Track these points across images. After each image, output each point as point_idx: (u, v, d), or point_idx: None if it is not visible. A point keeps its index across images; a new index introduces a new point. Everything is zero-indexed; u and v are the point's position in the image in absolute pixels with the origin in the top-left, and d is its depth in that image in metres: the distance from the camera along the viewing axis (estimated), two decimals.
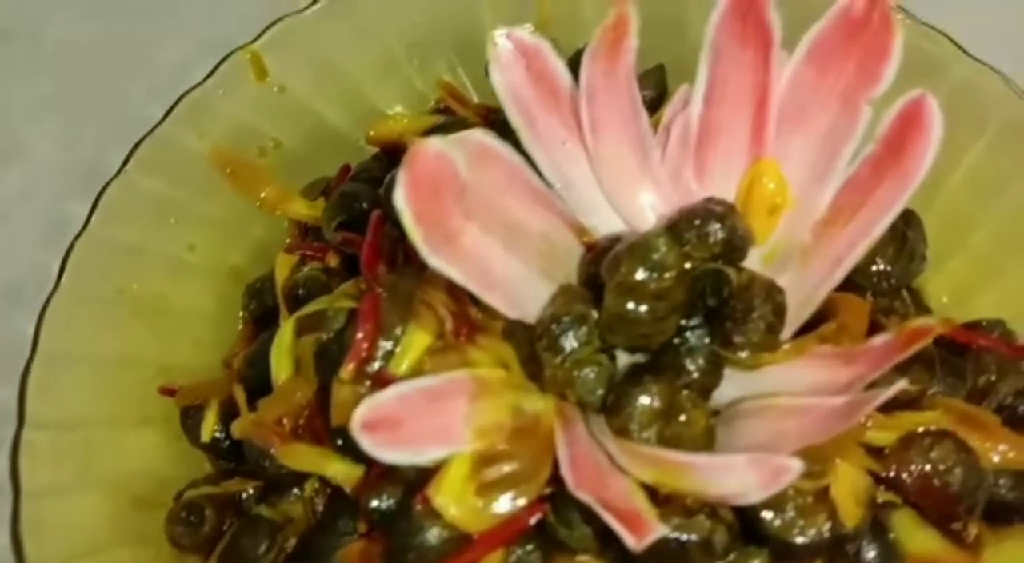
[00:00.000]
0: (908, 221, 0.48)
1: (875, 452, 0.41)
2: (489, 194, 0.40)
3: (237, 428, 0.45)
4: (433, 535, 0.36)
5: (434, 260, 0.35)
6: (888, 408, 0.42)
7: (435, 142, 0.33)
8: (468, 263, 0.37)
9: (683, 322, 0.40)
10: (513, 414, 0.38)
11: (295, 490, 0.44)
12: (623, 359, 0.41)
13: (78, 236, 0.46)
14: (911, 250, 0.44)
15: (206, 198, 0.51)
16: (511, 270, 0.40)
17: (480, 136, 0.41)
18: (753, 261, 0.43)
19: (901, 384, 0.32)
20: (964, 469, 0.40)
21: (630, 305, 0.37)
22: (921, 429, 0.41)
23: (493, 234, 0.38)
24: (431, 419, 0.35)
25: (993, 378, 0.45)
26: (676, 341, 0.40)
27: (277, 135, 0.53)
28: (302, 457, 0.42)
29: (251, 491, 0.45)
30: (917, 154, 0.38)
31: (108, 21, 0.69)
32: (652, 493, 0.36)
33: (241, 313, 0.52)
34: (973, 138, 0.52)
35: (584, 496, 0.34)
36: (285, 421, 0.42)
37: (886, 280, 0.43)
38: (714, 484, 0.34)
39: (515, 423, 0.37)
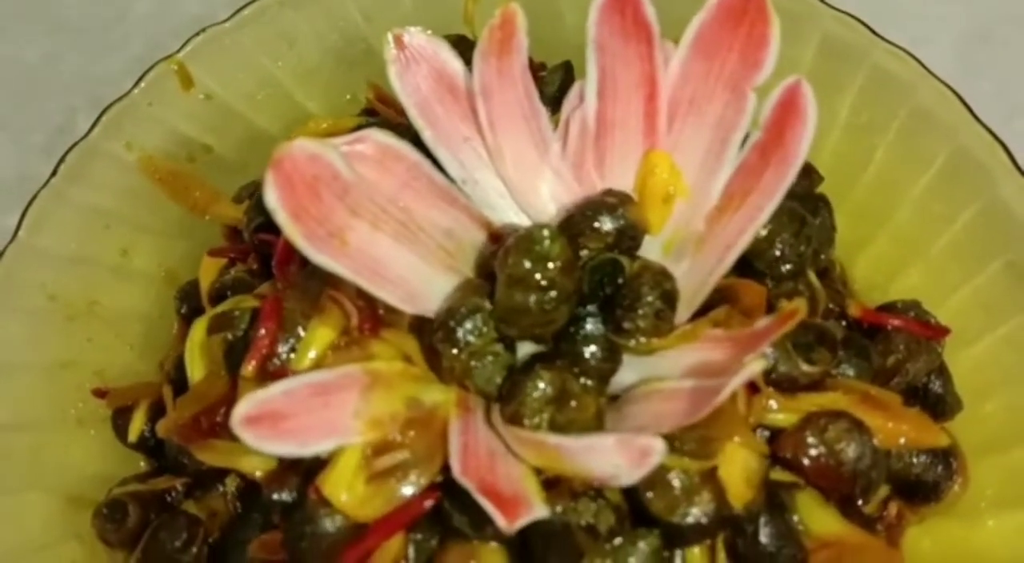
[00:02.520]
0: (815, 207, 0.49)
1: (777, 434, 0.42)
2: (386, 191, 0.41)
3: (161, 427, 0.46)
4: (327, 524, 0.37)
5: (318, 257, 0.36)
6: (791, 390, 0.43)
7: (305, 144, 0.34)
8: (357, 260, 0.38)
9: (579, 310, 0.41)
10: (409, 405, 0.39)
11: (219, 486, 0.45)
12: (525, 349, 0.42)
13: (6, 247, 0.48)
14: (809, 234, 0.44)
15: (138, 205, 0.53)
16: (409, 266, 0.41)
17: (379, 135, 0.42)
18: (653, 252, 0.44)
19: (756, 366, 0.33)
20: (858, 447, 0.40)
21: (519, 296, 0.38)
22: (820, 410, 0.42)
23: (386, 231, 0.39)
24: (318, 413, 0.36)
25: (902, 358, 0.46)
26: (572, 329, 0.41)
27: (207, 141, 0.54)
28: (218, 453, 0.43)
29: (179, 488, 0.46)
30: (796, 138, 0.39)
31: (53, 38, 0.71)
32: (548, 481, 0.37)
33: (176, 316, 0.53)
34: (890, 120, 0.53)
35: (465, 481, 0.35)
36: (202, 419, 0.44)
37: (784, 264, 0.44)
38: (588, 466, 0.34)
39: (410, 414, 0.38)
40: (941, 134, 0.51)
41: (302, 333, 0.41)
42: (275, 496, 0.39)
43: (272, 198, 0.33)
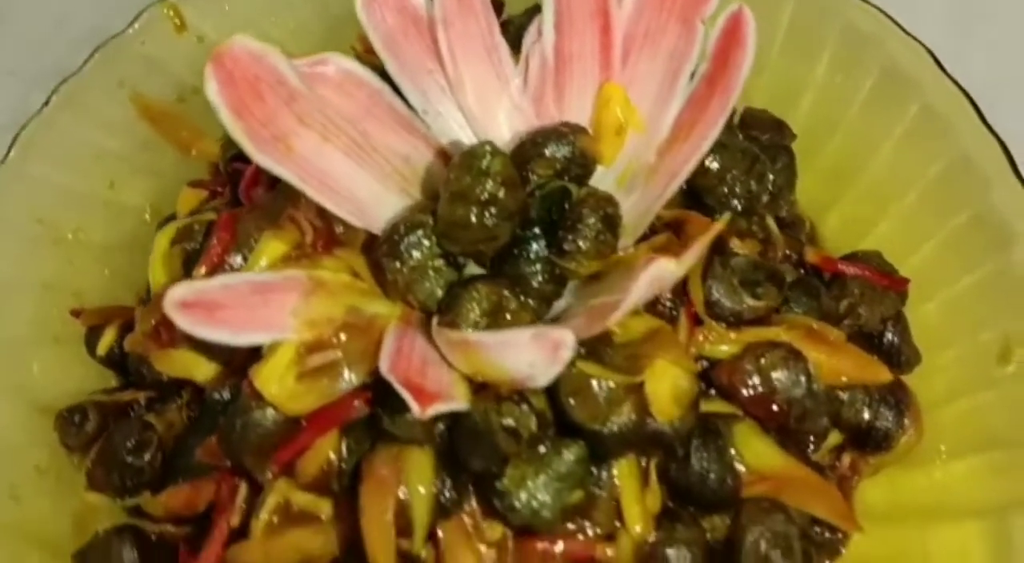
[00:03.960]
0: (776, 154, 0.49)
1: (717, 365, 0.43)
2: (345, 114, 0.42)
3: (128, 341, 0.48)
4: (258, 416, 0.38)
5: (260, 158, 0.37)
6: (736, 325, 0.43)
7: (246, 42, 0.36)
8: (304, 168, 0.39)
9: (524, 233, 0.41)
10: (348, 312, 0.40)
11: (176, 399, 0.47)
12: (470, 270, 0.43)
13: None
14: (762, 172, 0.45)
15: (127, 140, 0.55)
16: (360, 183, 0.42)
17: (340, 59, 0.43)
18: (607, 185, 0.44)
19: (661, 265, 0.33)
20: (793, 375, 0.40)
21: (460, 211, 0.39)
22: (760, 341, 0.42)
23: (337, 145, 0.40)
24: (256, 308, 0.37)
25: (854, 302, 0.46)
26: (515, 251, 0.41)
27: (196, 83, 0.56)
28: (174, 362, 0.45)
29: (141, 401, 0.48)
30: (738, 65, 0.39)
31: None
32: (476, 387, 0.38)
33: None
34: (864, 79, 0.53)
35: (390, 376, 0.36)
36: (162, 330, 0.45)
37: (733, 199, 0.44)
38: (507, 364, 0.35)
39: (348, 320, 0.39)
40: (911, 91, 0.51)
41: (253, 244, 0.42)
42: (216, 395, 0.40)
43: (212, 92, 0.35)
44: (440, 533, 0.39)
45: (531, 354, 0.34)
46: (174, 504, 0.44)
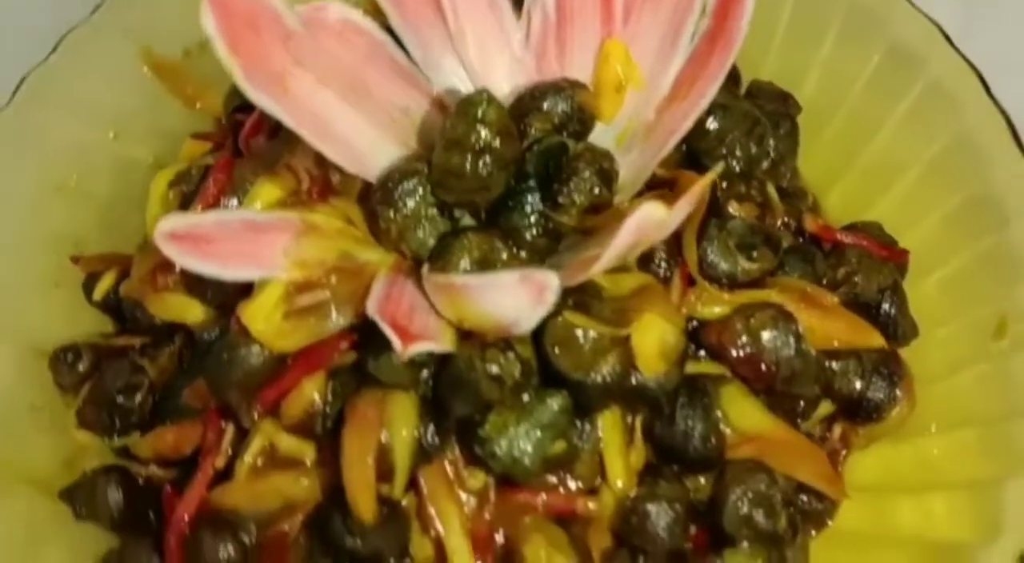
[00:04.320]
0: (779, 120, 0.49)
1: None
2: (345, 62, 0.42)
3: (124, 287, 0.48)
4: (244, 352, 0.38)
5: (255, 95, 0.37)
6: (730, 287, 0.43)
7: None
8: (299, 109, 0.39)
9: (519, 186, 0.41)
10: (340, 257, 0.40)
11: (169, 345, 0.47)
12: (465, 222, 0.42)
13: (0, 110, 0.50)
14: (761, 135, 0.44)
15: (132, 93, 0.55)
16: (357, 130, 0.42)
17: (341, 7, 0.43)
18: (607, 144, 0.44)
19: (647, 209, 0.33)
20: (781, 335, 0.40)
21: (455, 159, 0.39)
22: (752, 302, 0.42)
23: (333, 89, 0.41)
24: (247, 245, 0.38)
25: (851, 270, 0.46)
26: (510, 203, 0.41)
27: (203, 39, 0.56)
28: (168, 306, 0.45)
29: (135, 347, 0.48)
30: (738, 19, 0.39)
31: None
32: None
33: None
34: (870, 54, 0.53)
35: (377, 317, 0.36)
36: (158, 274, 0.46)
37: (732, 160, 0.44)
38: (493, 308, 0.35)
39: (339, 264, 0.40)
40: (918, 67, 0.51)
41: (248, 187, 0.42)
42: (205, 336, 0.41)
43: (209, 24, 0.35)
44: (422, 480, 0.40)
45: (516, 297, 0.34)
46: (161, 446, 0.45)
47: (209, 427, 0.43)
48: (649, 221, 0.33)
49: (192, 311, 0.44)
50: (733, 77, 0.54)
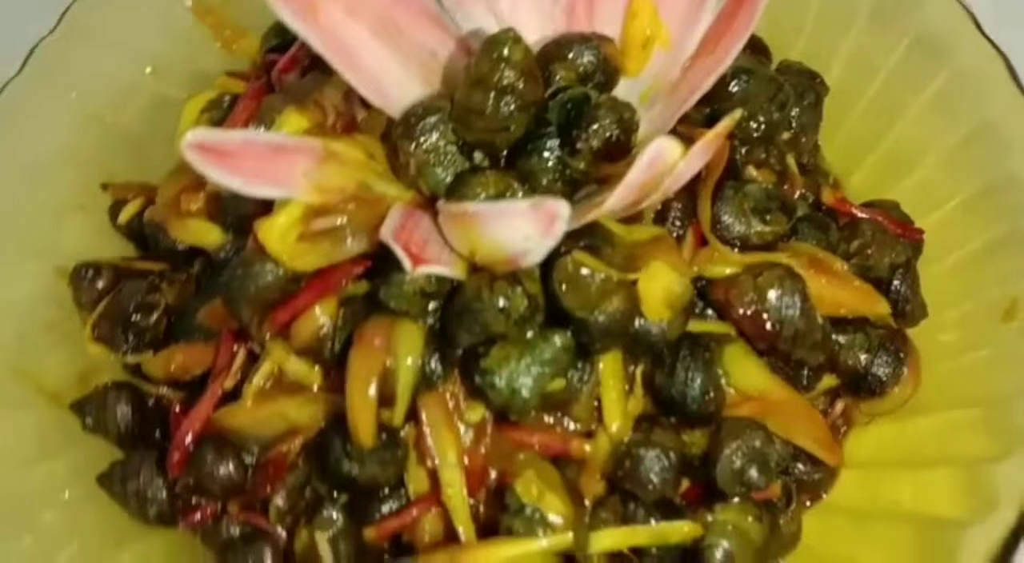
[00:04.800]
0: (802, 93, 0.49)
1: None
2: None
3: (150, 212, 0.50)
4: (259, 268, 0.39)
5: (288, 17, 0.38)
6: (743, 249, 0.43)
7: None
8: (329, 39, 0.40)
9: (539, 130, 0.42)
10: (359, 186, 0.41)
11: (188, 271, 0.48)
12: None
13: (42, 40, 0.52)
14: (784, 101, 0.45)
15: (171, 32, 0.57)
16: (386, 68, 0.43)
17: None
18: (631, 100, 0.45)
19: (661, 143, 0.33)
20: (788, 296, 0.40)
21: (477, 96, 0.40)
22: (762, 262, 0.42)
23: (363, 22, 0.41)
24: (270, 164, 0.38)
25: (865, 242, 0.46)
26: (529, 148, 0.42)
27: None
28: (190, 230, 0.46)
29: (156, 271, 0.49)
30: None
31: None
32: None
33: None
34: (898, 40, 0.53)
35: (390, 241, 0.37)
36: (182, 199, 0.47)
37: (753, 123, 0.44)
38: (504, 236, 0.36)
39: (358, 193, 0.40)
40: (945, 53, 0.51)
41: (275, 116, 0.43)
42: (221, 256, 0.42)
43: None
44: (422, 409, 0.40)
45: (527, 226, 0.35)
46: (173, 365, 0.46)
47: (221, 349, 0.44)
48: (663, 157, 0.34)
49: (212, 235, 0.45)
50: (763, 53, 0.55)
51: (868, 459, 0.46)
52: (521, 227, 0.35)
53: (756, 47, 0.54)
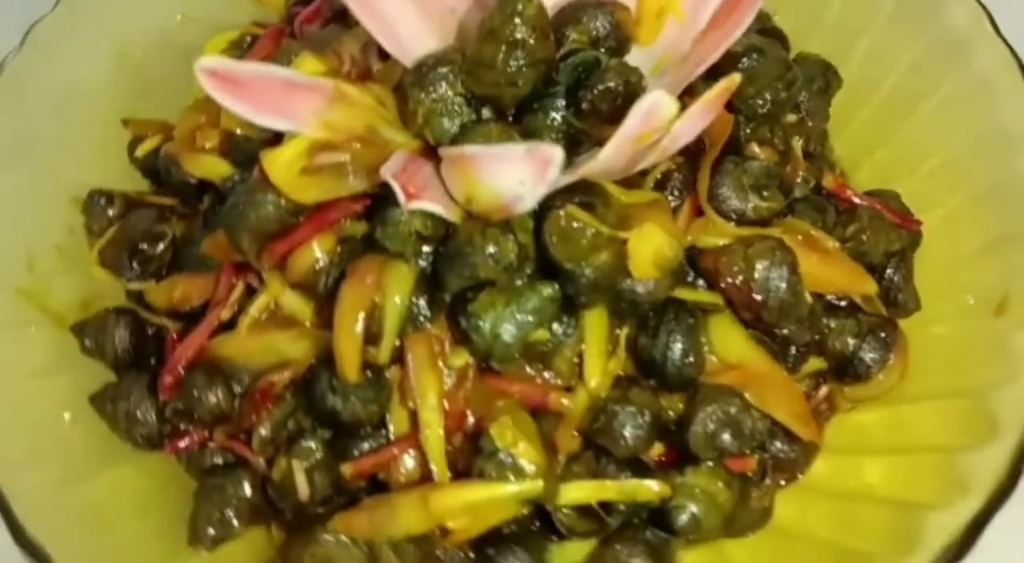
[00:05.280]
0: (812, 77, 0.49)
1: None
2: None
3: (166, 147, 0.51)
4: (260, 198, 0.40)
5: None
6: (739, 223, 0.44)
7: None
8: None
9: (547, 90, 0.43)
10: (366, 129, 0.42)
11: (199, 206, 0.49)
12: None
13: None
14: (791, 81, 0.45)
15: None
16: (404, 17, 0.43)
17: None
18: (642, 70, 0.45)
19: (655, 96, 0.34)
20: (776, 268, 0.41)
21: (488, 49, 0.41)
22: (755, 235, 0.42)
23: None
24: (281, 97, 0.39)
25: (861, 227, 0.46)
26: (535, 106, 0.43)
27: None
28: (201, 164, 0.47)
29: (166, 205, 0.51)
30: None
31: None
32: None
33: None
34: (916, 38, 0.53)
35: (390, 178, 0.38)
36: (197, 136, 0.48)
37: (758, 99, 0.45)
38: (499, 180, 0.37)
39: (365, 135, 0.41)
40: (961, 54, 0.51)
41: (292, 58, 0.44)
42: (228, 185, 0.43)
43: None
44: (407, 349, 0.41)
45: (521, 170, 0.36)
46: (174, 294, 0.47)
47: (221, 280, 0.45)
48: (658, 110, 0.34)
49: (221, 169, 0.46)
50: (782, 43, 0.55)
51: (847, 445, 0.46)
52: (516, 172, 0.36)
53: (776, 36, 0.55)
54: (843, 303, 0.47)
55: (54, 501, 0.43)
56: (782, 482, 0.46)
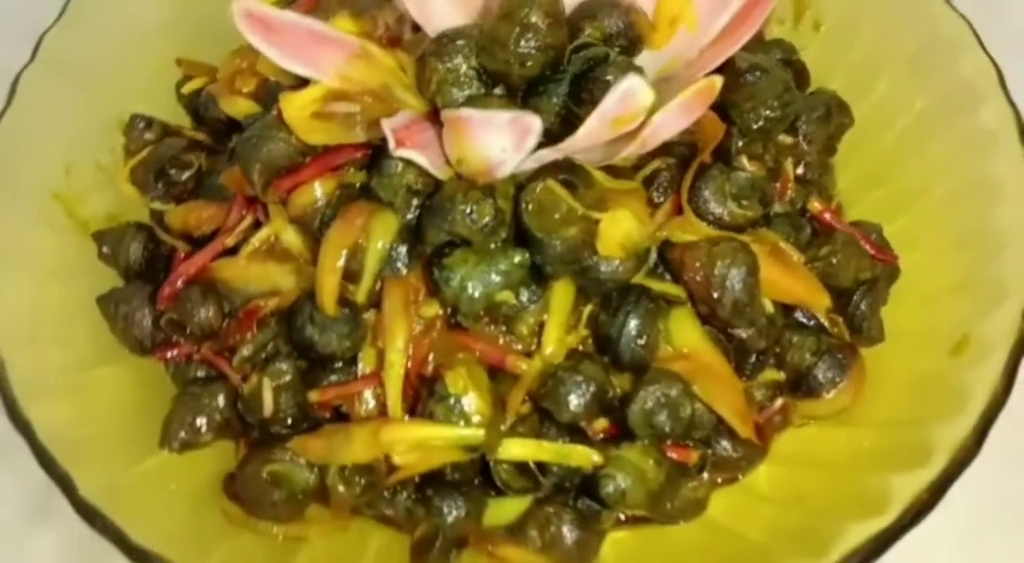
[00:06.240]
0: (814, 106, 0.52)
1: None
2: None
3: (208, 87, 0.55)
4: (273, 133, 0.44)
5: None
6: (716, 226, 0.46)
7: None
8: None
9: (554, 75, 0.45)
10: (382, 87, 0.45)
11: (227, 142, 0.53)
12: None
13: None
14: (788, 102, 0.47)
15: None
16: None
17: None
18: (648, 72, 0.48)
19: (630, 80, 0.37)
20: (738, 266, 0.43)
21: (503, 28, 0.44)
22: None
23: None
24: (307, 46, 0.43)
25: (833, 250, 0.48)
26: (540, 88, 0.46)
27: None
28: (234, 105, 0.51)
29: (199, 140, 0.55)
30: None
31: None
32: None
33: None
34: (936, 85, 0.55)
35: (387, 127, 0.41)
36: (237, 80, 0.52)
37: (753, 115, 0.47)
38: (485, 143, 0.40)
39: (379, 92, 0.45)
40: (972, 109, 0.53)
41: (329, 16, 0.48)
42: (249, 121, 0.47)
43: None
44: (385, 296, 0.44)
45: (504, 136, 0.39)
46: (190, 218, 0.51)
47: (232, 210, 0.49)
48: (633, 95, 0.37)
49: (251, 110, 0.50)
50: (800, 74, 0.57)
51: (788, 456, 0.48)
52: (499, 137, 0.39)
53: (797, 70, 0.57)
54: (811, 323, 0.50)
55: (49, 384, 0.47)
56: (719, 480, 0.48)
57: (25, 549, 0.52)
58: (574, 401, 0.42)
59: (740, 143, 0.48)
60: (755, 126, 0.47)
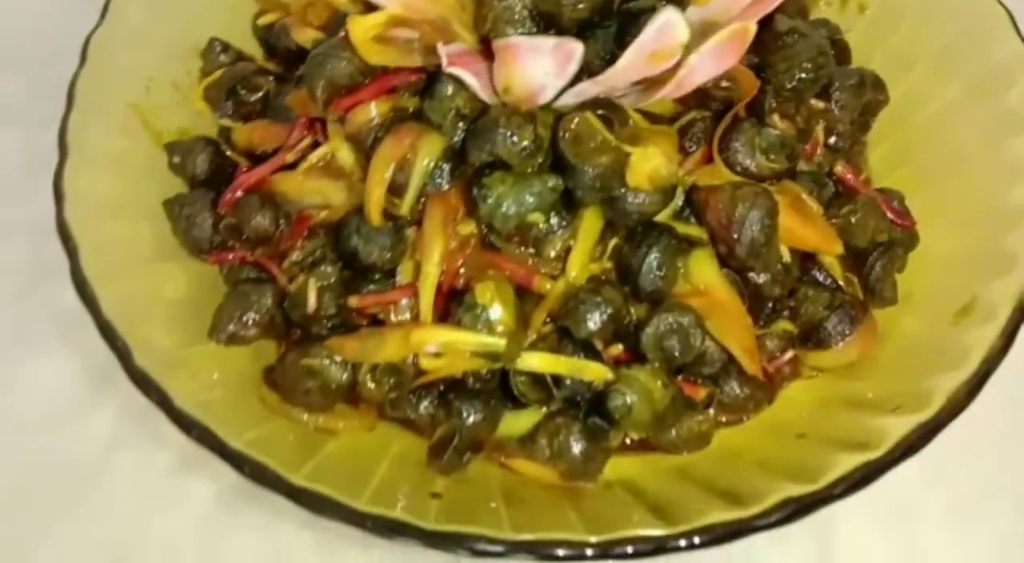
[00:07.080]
0: (849, 75, 0.54)
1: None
2: None
3: (282, 20, 0.59)
4: (340, 52, 0.48)
5: None
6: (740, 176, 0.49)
7: None
8: None
9: (603, 22, 0.48)
10: (440, 19, 0.49)
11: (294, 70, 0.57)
12: None
13: None
14: (821, 65, 0.50)
15: None
16: None
17: None
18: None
19: (669, 14, 0.40)
20: (758, 209, 0.45)
21: None
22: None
23: None
24: None
25: (853, 209, 0.50)
26: (588, 34, 0.49)
27: None
28: (305, 35, 0.56)
29: (272, 69, 0.59)
30: None
31: None
32: None
33: None
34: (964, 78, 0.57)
35: (442, 50, 0.44)
36: (315, 19, 0.56)
37: (786, 76, 0.49)
38: (530, 69, 0.43)
39: (438, 23, 0.48)
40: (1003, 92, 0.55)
41: None
42: (314, 50, 0.50)
43: None
44: (426, 212, 0.48)
45: (548, 62, 0.42)
46: (255, 136, 0.55)
47: (295, 129, 0.53)
48: (669, 27, 0.40)
49: (319, 39, 0.54)
50: (843, 53, 0.60)
51: (793, 401, 0.51)
52: (544, 63, 0.42)
53: (840, 48, 0.59)
54: (828, 281, 0.52)
55: (114, 270, 0.51)
56: (723, 419, 0.50)
57: (86, 419, 0.57)
58: (592, 320, 0.45)
59: (774, 102, 0.51)
60: (788, 86, 0.50)
